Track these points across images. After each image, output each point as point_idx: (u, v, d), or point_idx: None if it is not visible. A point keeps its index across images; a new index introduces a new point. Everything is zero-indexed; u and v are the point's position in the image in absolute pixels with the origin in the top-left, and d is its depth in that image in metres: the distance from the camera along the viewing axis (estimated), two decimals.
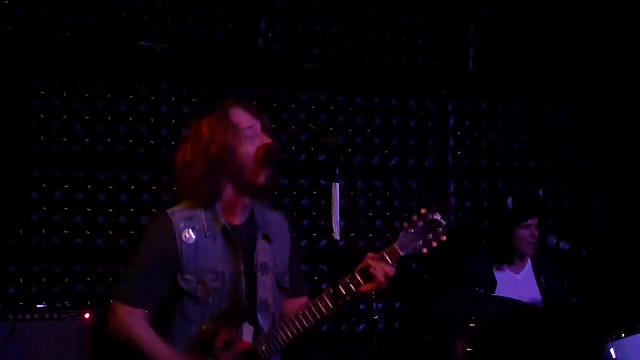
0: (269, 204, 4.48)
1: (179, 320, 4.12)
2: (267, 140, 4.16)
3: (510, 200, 6.46)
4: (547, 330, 5.66)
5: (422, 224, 4.33)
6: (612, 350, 5.86)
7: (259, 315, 4.16)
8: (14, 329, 5.32)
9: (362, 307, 6.75)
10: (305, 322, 4.19)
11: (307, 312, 4.20)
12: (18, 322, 5.35)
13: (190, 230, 4.09)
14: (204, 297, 4.08)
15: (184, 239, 4.08)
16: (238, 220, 4.21)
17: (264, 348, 4.17)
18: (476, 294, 5.63)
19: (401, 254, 4.31)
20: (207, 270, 4.09)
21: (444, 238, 4.36)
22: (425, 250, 4.36)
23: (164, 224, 4.14)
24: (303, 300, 4.47)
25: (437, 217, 4.34)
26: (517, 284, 6.40)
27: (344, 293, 4.21)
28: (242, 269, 4.13)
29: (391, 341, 6.87)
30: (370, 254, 4.29)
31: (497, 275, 6.39)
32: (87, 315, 5.53)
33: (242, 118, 4.20)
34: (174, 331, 4.13)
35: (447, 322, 6.13)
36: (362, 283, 4.23)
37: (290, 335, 4.19)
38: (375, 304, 5.50)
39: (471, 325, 5.62)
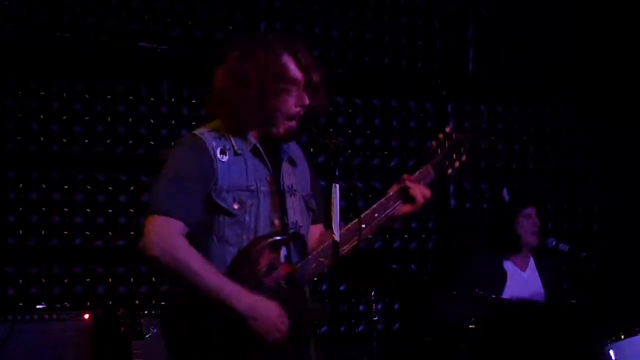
0: None
1: (215, 240, 3.92)
2: (305, 100, 4.08)
3: (505, 191, 6.49)
4: (546, 330, 5.67)
5: (447, 143, 4.34)
6: (611, 352, 5.87)
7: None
8: (13, 329, 5.33)
9: (361, 307, 6.76)
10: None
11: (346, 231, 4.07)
12: (17, 322, 5.36)
13: (221, 149, 3.99)
14: (241, 214, 3.93)
15: (218, 155, 3.94)
16: (265, 146, 4.05)
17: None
18: (476, 294, 5.63)
19: (433, 174, 4.31)
20: (242, 188, 3.95)
21: (464, 158, 4.37)
22: (449, 171, 4.39)
23: (197, 142, 3.96)
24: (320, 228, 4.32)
25: (461, 136, 4.35)
26: (523, 280, 6.42)
27: (382, 215, 4.19)
28: (274, 188, 4.05)
29: (390, 343, 6.87)
30: (406, 175, 4.25)
31: (506, 266, 6.41)
32: (86, 316, 5.54)
33: (290, 69, 4.02)
34: (210, 252, 3.91)
35: (446, 324, 6.13)
36: (402, 204, 4.23)
37: (328, 263, 4.04)
38: (374, 305, 5.52)
39: (471, 326, 5.62)
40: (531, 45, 7.50)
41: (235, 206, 3.94)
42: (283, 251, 4.01)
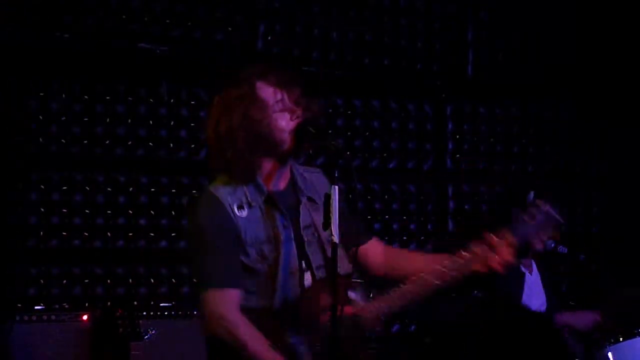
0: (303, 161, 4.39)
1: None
2: (297, 111, 4.07)
3: (532, 194, 6.48)
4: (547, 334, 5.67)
5: (540, 216, 4.21)
6: (609, 354, 5.86)
7: (305, 278, 4.09)
8: (12, 330, 5.33)
9: None
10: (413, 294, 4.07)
11: (414, 285, 4.08)
12: (16, 323, 5.36)
13: (237, 204, 4.00)
14: (262, 267, 3.96)
15: (237, 213, 3.95)
16: (280, 186, 4.09)
17: (367, 315, 4.06)
18: (476, 297, 5.64)
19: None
20: (263, 240, 3.97)
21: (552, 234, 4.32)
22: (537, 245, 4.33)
23: (215, 204, 3.96)
24: (377, 243, 4.40)
25: (551, 211, 4.25)
26: (531, 282, 6.42)
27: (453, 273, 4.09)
28: (292, 234, 4.05)
29: (390, 344, 6.87)
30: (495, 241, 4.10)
31: (522, 269, 6.42)
32: (85, 317, 5.54)
33: (268, 93, 4.03)
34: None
35: (446, 324, 6.14)
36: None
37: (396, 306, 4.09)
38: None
39: (472, 328, 5.62)
40: (530, 47, 7.50)
41: (259, 260, 3.98)
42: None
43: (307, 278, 4.10)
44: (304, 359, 3.93)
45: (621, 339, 5.87)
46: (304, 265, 4.08)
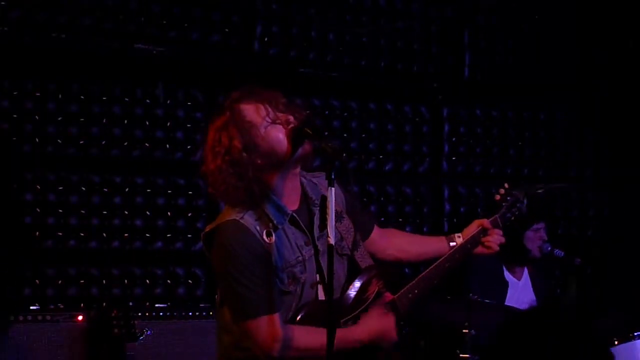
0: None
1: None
2: (287, 118, 4.03)
3: (525, 202, 6.48)
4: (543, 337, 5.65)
5: (509, 198, 4.70)
6: None
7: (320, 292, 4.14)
8: (7, 330, 5.32)
9: None
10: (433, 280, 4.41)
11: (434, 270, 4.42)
12: (11, 323, 5.35)
13: (265, 232, 3.96)
14: (293, 289, 4.01)
15: (266, 240, 3.95)
16: (295, 204, 4.09)
17: (403, 301, 4.29)
18: (471, 300, 5.63)
19: (500, 224, 4.65)
20: (293, 263, 4.00)
21: (524, 210, 4.71)
22: (512, 220, 4.76)
23: (245, 232, 3.94)
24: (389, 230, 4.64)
25: (518, 194, 4.71)
26: (519, 289, 6.43)
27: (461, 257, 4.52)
28: (312, 251, 4.07)
29: None
30: (485, 221, 4.58)
31: (507, 276, 6.43)
32: (80, 317, 5.55)
33: (252, 112, 4.04)
34: None
35: (440, 328, 6.13)
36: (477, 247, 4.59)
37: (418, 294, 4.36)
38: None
39: (464, 331, 5.62)
40: (527, 49, 7.51)
41: (291, 283, 4.01)
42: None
43: (321, 290, 4.14)
44: None
45: (616, 343, 5.88)
46: (318, 278, 4.12)
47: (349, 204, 4.35)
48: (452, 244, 4.53)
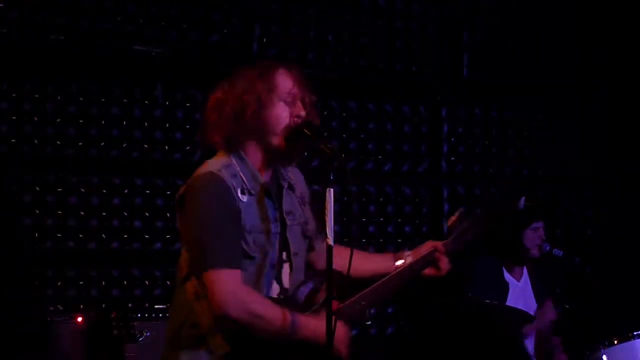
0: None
1: None
2: (301, 111, 4.07)
3: (522, 200, 6.47)
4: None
5: (463, 223, 4.56)
6: (604, 357, 5.87)
7: (283, 271, 4.13)
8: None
9: None
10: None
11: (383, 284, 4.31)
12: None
13: (240, 189, 3.98)
14: (257, 256, 3.99)
15: (240, 197, 3.97)
16: (267, 176, 4.12)
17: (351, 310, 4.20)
18: (470, 300, 5.64)
19: (451, 248, 4.52)
20: (260, 230, 4.00)
21: (475, 235, 4.56)
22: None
23: (222, 185, 3.95)
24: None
25: (471, 221, 4.57)
26: (519, 290, 6.43)
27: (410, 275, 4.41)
28: (279, 227, 4.08)
29: (383, 347, 6.87)
30: (439, 245, 4.48)
31: (507, 278, 6.42)
32: (79, 319, 5.54)
33: (285, 81, 4.07)
34: None
35: (437, 327, 6.14)
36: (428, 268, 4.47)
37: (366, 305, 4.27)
38: (367, 309, 5.51)
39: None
40: (526, 49, 7.51)
41: (254, 248, 4.00)
42: (275, 286, 4.10)
43: (285, 270, 4.13)
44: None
45: (616, 342, 5.88)
46: (284, 256, 4.12)
47: (309, 195, 4.38)
48: (398, 262, 4.44)
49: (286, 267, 4.14)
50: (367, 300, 4.23)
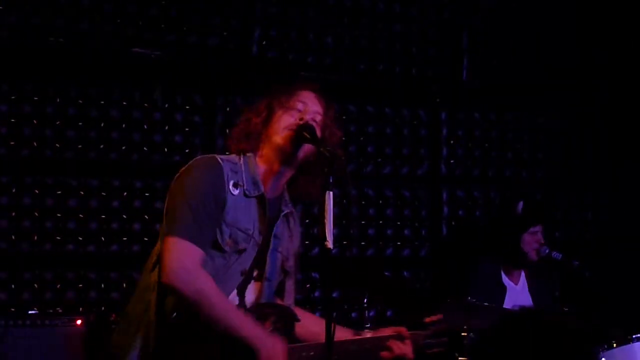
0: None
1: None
2: (305, 116, 4.14)
3: (521, 204, 6.48)
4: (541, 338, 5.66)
5: (437, 326, 4.56)
6: None
7: (250, 287, 4.15)
8: (6, 334, 5.32)
9: (353, 315, 6.75)
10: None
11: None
12: (9, 327, 5.34)
13: (234, 182, 4.05)
14: (230, 253, 4.04)
15: (230, 188, 4.04)
16: (271, 193, 4.17)
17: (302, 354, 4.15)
18: (470, 303, 5.63)
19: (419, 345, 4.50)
20: (241, 229, 4.05)
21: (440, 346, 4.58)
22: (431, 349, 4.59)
23: (217, 169, 4.06)
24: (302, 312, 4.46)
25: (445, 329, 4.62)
26: (516, 293, 6.43)
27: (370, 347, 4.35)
28: (260, 242, 4.12)
29: None
30: (406, 333, 4.44)
31: (505, 281, 6.43)
32: (78, 322, 5.53)
33: (304, 95, 4.23)
34: None
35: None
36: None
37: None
38: (366, 312, 5.51)
39: (463, 334, 5.61)
40: (525, 52, 7.51)
41: (229, 243, 4.02)
42: (234, 297, 4.11)
43: (252, 288, 4.15)
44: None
45: (615, 345, 5.88)
46: (255, 274, 4.15)
47: (299, 246, 4.46)
48: (356, 337, 4.42)
49: (253, 287, 4.17)
50: (314, 352, 4.15)
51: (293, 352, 4.10)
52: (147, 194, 6.27)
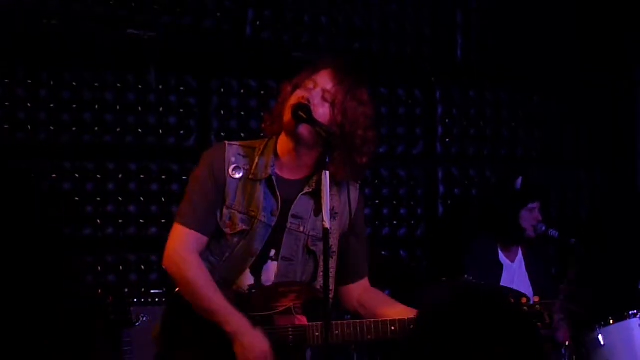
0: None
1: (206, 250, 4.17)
2: (306, 94, 4.10)
3: (519, 181, 6.48)
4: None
5: None
6: (600, 337, 5.89)
7: (266, 267, 4.15)
8: None
9: None
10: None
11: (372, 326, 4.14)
12: None
13: (236, 166, 4.10)
14: (232, 235, 4.09)
15: (230, 172, 4.09)
16: (292, 175, 4.15)
17: (316, 334, 4.08)
18: (466, 282, 5.64)
19: None
20: (241, 211, 4.07)
21: None
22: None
23: (218, 154, 4.15)
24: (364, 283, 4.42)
25: None
26: (513, 271, 6.44)
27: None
28: (275, 222, 4.10)
29: None
30: None
31: (502, 259, 6.43)
32: None
33: (321, 74, 4.18)
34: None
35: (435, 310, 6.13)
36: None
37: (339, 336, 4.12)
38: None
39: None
40: (520, 30, 7.49)
41: (229, 225, 4.07)
42: (249, 277, 4.15)
43: (270, 268, 4.14)
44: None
45: (611, 322, 5.91)
46: (272, 253, 4.14)
47: (353, 226, 4.34)
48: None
49: (272, 266, 4.16)
50: (344, 333, 4.09)
51: (313, 330, 4.08)
52: (142, 176, 6.27)
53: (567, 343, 6.04)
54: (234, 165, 4.10)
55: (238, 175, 4.09)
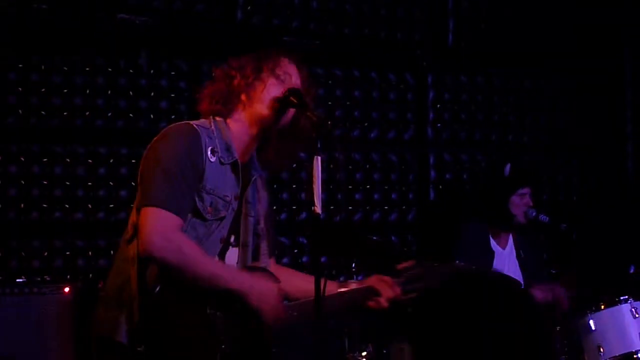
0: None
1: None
2: (291, 86, 4.11)
3: (508, 167, 6.48)
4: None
5: (411, 272, 4.58)
6: (591, 322, 5.91)
7: (228, 254, 4.16)
8: None
9: (341, 279, 6.76)
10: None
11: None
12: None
13: (212, 148, 4.02)
14: (211, 221, 4.03)
15: (209, 154, 4.00)
16: (242, 158, 4.14)
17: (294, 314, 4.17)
18: (457, 265, 5.65)
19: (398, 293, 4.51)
20: (220, 196, 4.04)
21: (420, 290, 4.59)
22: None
23: (194, 136, 4.01)
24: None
25: (420, 272, 4.59)
26: (504, 257, 6.45)
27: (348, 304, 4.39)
28: (237, 206, 4.12)
29: (373, 315, 6.88)
30: (383, 278, 4.47)
31: (493, 246, 6.44)
32: (66, 289, 5.52)
33: (288, 66, 4.17)
34: None
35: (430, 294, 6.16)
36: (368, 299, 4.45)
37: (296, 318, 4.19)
38: (355, 277, 5.53)
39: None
40: (511, 16, 7.49)
41: (210, 210, 4.01)
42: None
43: (230, 255, 4.16)
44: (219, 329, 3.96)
45: (602, 307, 5.93)
46: (232, 240, 4.16)
47: (268, 208, 4.43)
48: (342, 289, 4.41)
49: (233, 252, 4.18)
50: (299, 313, 4.17)
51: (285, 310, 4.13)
52: (133, 161, 6.25)
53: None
54: (210, 148, 4.01)
55: (214, 159, 4.03)
